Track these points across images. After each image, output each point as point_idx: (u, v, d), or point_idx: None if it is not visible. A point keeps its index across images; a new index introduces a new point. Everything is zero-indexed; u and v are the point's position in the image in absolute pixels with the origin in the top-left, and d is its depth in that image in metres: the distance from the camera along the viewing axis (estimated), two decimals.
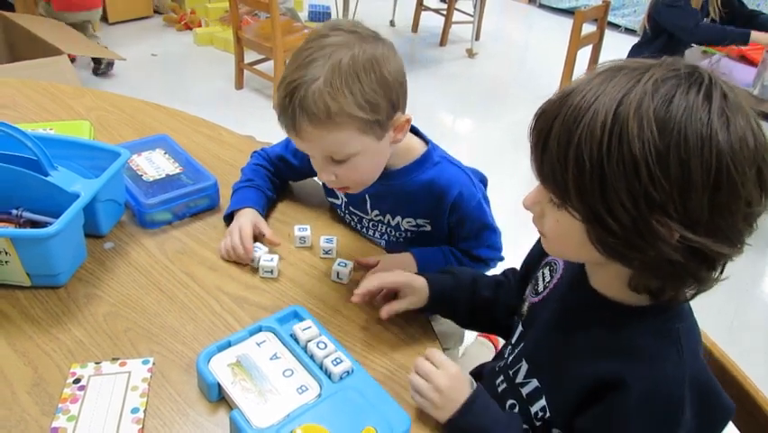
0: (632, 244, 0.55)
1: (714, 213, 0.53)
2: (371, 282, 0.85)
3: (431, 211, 0.99)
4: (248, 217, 1.01)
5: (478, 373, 0.93)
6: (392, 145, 0.92)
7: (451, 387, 0.71)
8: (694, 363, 0.62)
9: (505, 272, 0.95)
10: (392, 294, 0.87)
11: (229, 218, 1.04)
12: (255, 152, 1.15)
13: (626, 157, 0.52)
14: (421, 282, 0.86)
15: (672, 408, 0.59)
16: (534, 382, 0.72)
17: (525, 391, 0.73)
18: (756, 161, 0.53)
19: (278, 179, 1.13)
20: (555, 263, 0.79)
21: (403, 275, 0.87)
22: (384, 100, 0.83)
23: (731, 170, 0.51)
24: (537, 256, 0.83)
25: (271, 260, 0.95)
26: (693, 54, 2.74)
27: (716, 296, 0.61)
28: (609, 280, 0.65)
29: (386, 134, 0.87)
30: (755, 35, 2.55)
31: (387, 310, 0.84)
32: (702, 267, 0.57)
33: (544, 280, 0.79)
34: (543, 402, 0.71)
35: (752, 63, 2.54)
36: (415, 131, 1.01)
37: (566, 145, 0.55)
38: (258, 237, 1.00)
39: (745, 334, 2.02)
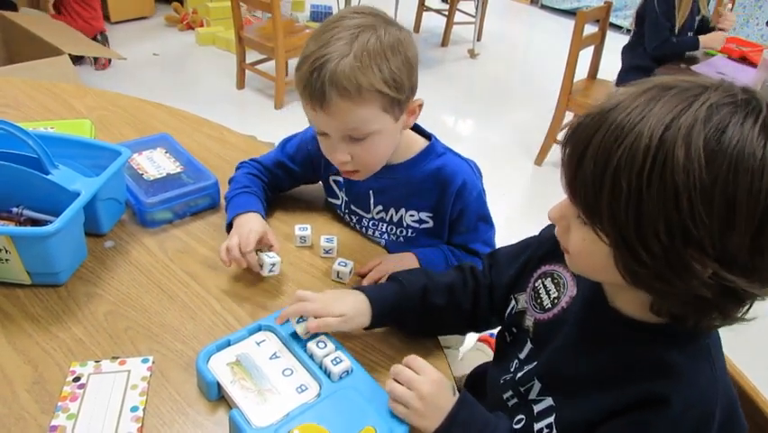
0: (660, 275, 0.52)
1: (754, 252, 0.50)
2: (293, 309, 0.79)
3: (436, 202, 1.00)
4: (257, 223, 0.96)
5: (477, 375, 0.92)
6: (401, 132, 0.94)
7: (434, 393, 0.68)
8: (724, 380, 0.61)
9: (461, 268, 0.88)
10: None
11: (230, 227, 0.99)
12: (243, 162, 1.11)
13: (667, 186, 0.48)
14: (359, 304, 0.80)
15: (704, 424, 0.58)
16: (549, 401, 0.69)
17: (537, 408, 0.71)
18: None
19: (270, 190, 1.09)
20: (560, 276, 0.75)
21: (340, 300, 0.80)
22: (408, 80, 0.86)
23: None
24: (534, 261, 0.79)
25: (273, 256, 0.93)
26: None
27: None
28: (632, 300, 0.63)
29: (401, 117, 0.90)
30: (703, 39, 2.63)
31: (313, 327, 0.78)
32: (730, 304, 0.54)
33: (549, 294, 0.75)
34: (550, 420, 0.68)
35: (752, 64, 2.56)
36: (417, 129, 1.02)
37: (603, 166, 0.51)
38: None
39: (746, 336, 2.02)
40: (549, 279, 0.76)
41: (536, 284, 0.78)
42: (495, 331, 0.89)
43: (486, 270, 0.87)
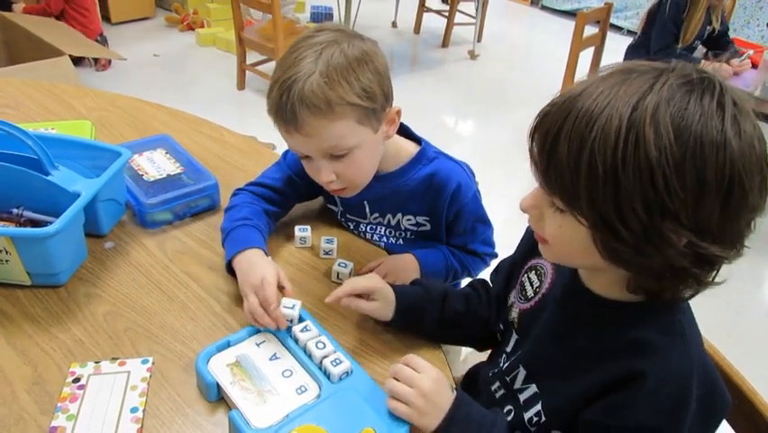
0: (640, 249, 0.55)
1: (723, 220, 0.53)
2: (343, 289, 0.82)
3: (431, 207, 0.99)
4: (266, 269, 0.85)
5: (472, 375, 0.92)
6: (384, 142, 0.93)
7: (435, 391, 0.69)
8: (699, 354, 0.62)
9: (473, 284, 0.93)
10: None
11: (229, 266, 0.91)
12: (238, 189, 1.03)
13: (642, 164, 0.51)
14: (392, 294, 0.84)
15: (681, 399, 0.59)
16: (533, 388, 0.71)
17: (522, 397, 0.72)
18: (761, 167, 0.53)
19: (272, 214, 1.01)
20: (542, 267, 0.78)
21: (376, 281, 0.84)
22: (378, 88, 0.85)
23: (742, 178, 0.51)
24: (521, 260, 0.82)
25: (294, 306, 0.82)
26: (697, 54, 2.76)
27: (716, 299, 0.61)
28: (607, 282, 0.65)
29: (380, 127, 0.89)
30: (704, 65, 2.58)
31: (346, 301, 0.82)
32: (704, 270, 0.57)
33: (532, 285, 0.78)
34: (538, 407, 0.70)
35: (752, 65, 2.56)
36: (406, 133, 1.01)
37: (578, 151, 0.53)
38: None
39: (745, 337, 2.02)
40: (533, 271, 0.79)
41: (523, 278, 0.80)
42: None
43: (492, 279, 0.90)
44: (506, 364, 0.77)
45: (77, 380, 0.75)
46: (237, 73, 3.38)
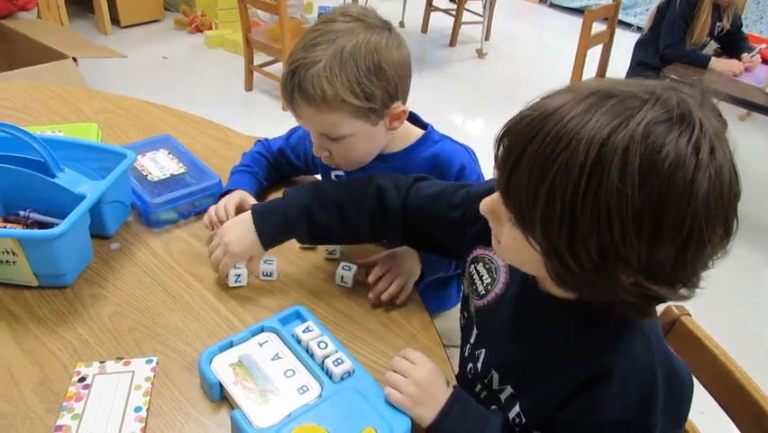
0: (587, 282, 0.55)
1: (677, 265, 0.51)
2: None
3: None
4: (235, 195, 1.03)
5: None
6: (389, 132, 0.95)
7: (428, 380, 0.70)
8: (660, 345, 0.63)
9: (370, 184, 0.87)
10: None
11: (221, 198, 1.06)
12: (259, 141, 1.18)
13: (600, 208, 0.49)
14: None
15: (648, 392, 0.60)
16: (509, 389, 0.71)
17: (502, 396, 0.72)
18: (726, 217, 0.51)
19: (276, 171, 1.16)
20: (491, 261, 0.77)
21: (233, 239, 0.88)
22: (379, 90, 0.86)
23: (702, 229, 0.49)
24: (469, 241, 0.80)
25: (271, 262, 0.95)
26: (708, 50, 2.73)
27: (724, 302, 0.61)
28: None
29: (381, 121, 0.91)
30: (715, 61, 2.56)
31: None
32: (651, 305, 0.58)
33: (482, 280, 0.77)
34: (517, 409, 0.70)
35: (765, 61, 2.53)
36: (414, 119, 1.03)
37: (538, 180, 0.51)
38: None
39: (755, 338, 2.00)
40: (481, 264, 0.78)
41: (470, 270, 0.80)
42: None
43: (403, 191, 0.86)
44: (478, 364, 0.77)
45: (82, 379, 0.76)
46: (245, 74, 3.39)
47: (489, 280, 0.76)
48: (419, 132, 1.02)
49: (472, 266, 0.79)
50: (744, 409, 0.75)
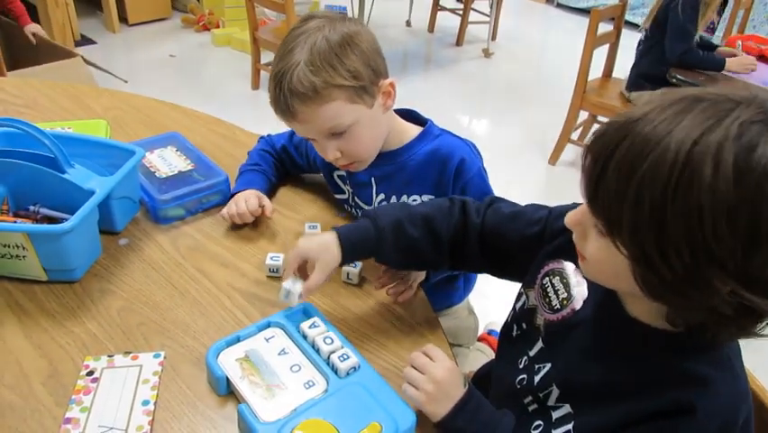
0: (679, 290, 0.51)
1: None
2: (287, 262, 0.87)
3: (436, 184, 1.01)
4: (251, 192, 1.06)
5: (483, 375, 0.92)
6: (386, 115, 0.97)
7: (447, 380, 0.70)
8: (746, 389, 0.60)
9: (452, 200, 0.86)
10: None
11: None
12: (262, 137, 1.20)
13: (691, 205, 0.47)
14: (331, 246, 0.81)
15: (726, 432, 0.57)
16: (567, 408, 0.68)
17: (555, 414, 0.70)
18: None
19: (281, 169, 1.18)
20: (567, 276, 0.74)
21: (300, 246, 0.82)
22: (363, 67, 0.89)
23: None
24: (545, 255, 0.77)
25: (277, 259, 0.95)
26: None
27: None
28: (648, 308, 0.61)
29: (375, 101, 0.93)
30: (730, 62, 2.51)
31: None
32: (749, 321, 0.53)
33: (557, 294, 0.74)
34: (569, 427, 0.67)
35: (764, 61, 2.53)
36: (413, 117, 1.05)
37: (626, 179, 0.50)
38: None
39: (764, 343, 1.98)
40: (557, 277, 0.75)
41: (544, 282, 0.76)
42: (497, 329, 0.89)
43: (482, 209, 0.85)
44: (536, 378, 0.73)
45: (90, 373, 0.76)
46: (252, 73, 3.41)
47: (566, 294, 0.73)
48: (419, 128, 1.03)
49: (547, 279, 0.76)
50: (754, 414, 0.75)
